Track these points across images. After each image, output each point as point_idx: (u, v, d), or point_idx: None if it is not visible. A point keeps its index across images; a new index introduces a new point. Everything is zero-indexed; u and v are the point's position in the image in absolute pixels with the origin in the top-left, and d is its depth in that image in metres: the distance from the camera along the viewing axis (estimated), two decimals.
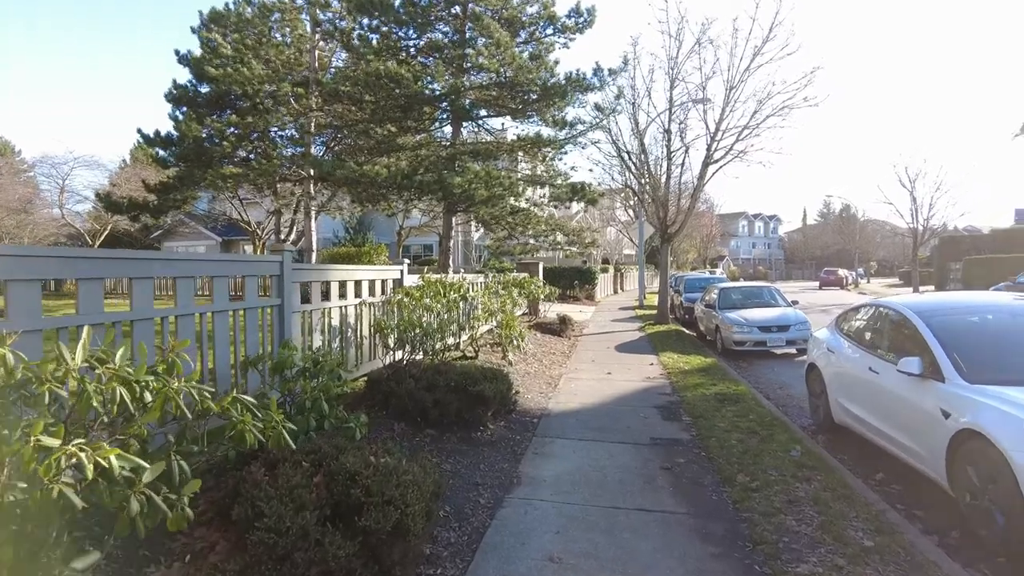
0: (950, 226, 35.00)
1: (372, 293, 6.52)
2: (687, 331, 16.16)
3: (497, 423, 6.11)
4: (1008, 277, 19.02)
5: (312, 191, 19.56)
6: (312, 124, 19.01)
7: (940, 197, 32.10)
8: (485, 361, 9.06)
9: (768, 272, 75.56)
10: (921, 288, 32.33)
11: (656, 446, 5.71)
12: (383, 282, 6.85)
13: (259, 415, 2.67)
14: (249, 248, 30.62)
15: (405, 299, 6.29)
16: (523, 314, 16.02)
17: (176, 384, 2.43)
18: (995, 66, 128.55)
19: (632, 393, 8.24)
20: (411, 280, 7.30)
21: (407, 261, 7.38)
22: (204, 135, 20.83)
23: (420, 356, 6.29)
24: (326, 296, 5.67)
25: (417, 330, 5.63)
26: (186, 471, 2.41)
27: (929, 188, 32.52)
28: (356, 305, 6.05)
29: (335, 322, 5.72)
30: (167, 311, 3.73)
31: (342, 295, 5.89)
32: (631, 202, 32.87)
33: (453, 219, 15.74)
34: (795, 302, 13.86)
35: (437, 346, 7.00)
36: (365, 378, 6.17)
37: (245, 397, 2.67)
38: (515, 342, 8.71)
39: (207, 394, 2.57)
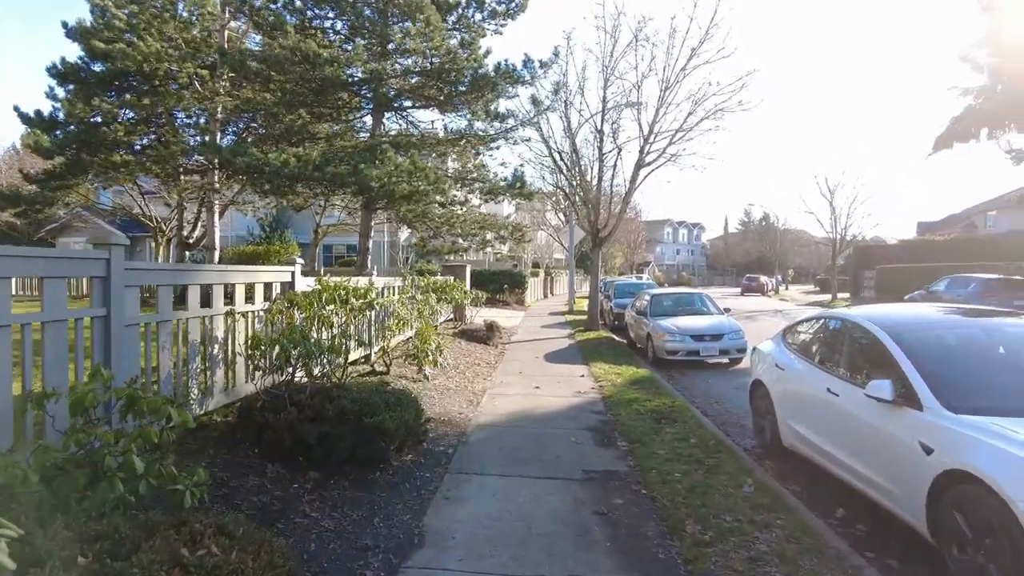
0: (866, 237, 36.53)
1: (251, 299, 5.36)
2: (617, 338, 15.62)
3: (404, 457, 5.10)
4: (922, 285, 19.65)
5: (216, 183, 17.75)
6: (219, 109, 17.23)
7: (857, 208, 33.41)
8: (399, 376, 8.01)
9: (691, 278, 77.61)
10: (839, 295, 33.59)
11: (590, 482, 4.86)
12: (268, 286, 5.69)
13: None
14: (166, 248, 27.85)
15: (293, 308, 5.16)
16: (447, 320, 15.01)
17: None
18: (912, 89, 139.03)
19: (562, 411, 7.42)
20: (306, 283, 6.16)
21: (300, 261, 6.22)
22: (97, 119, 18.60)
23: (313, 376, 5.19)
24: (182, 303, 4.49)
25: (300, 348, 4.54)
26: None
27: (847, 199, 33.74)
28: (226, 315, 4.88)
29: (195, 337, 4.54)
30: None
31: (206, 302, 4.71)
32: (562, 205, 32.51)
33: (372, 217, 14.52)
34: (727, 310, 13.52)
35: (338, 361, 5.91)
36: (238, 405, 5.02)
37: None
38: (431, 356, 7.69)
39: None
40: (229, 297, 5.00)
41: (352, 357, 7.60)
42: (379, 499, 4.29)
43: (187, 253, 22.62)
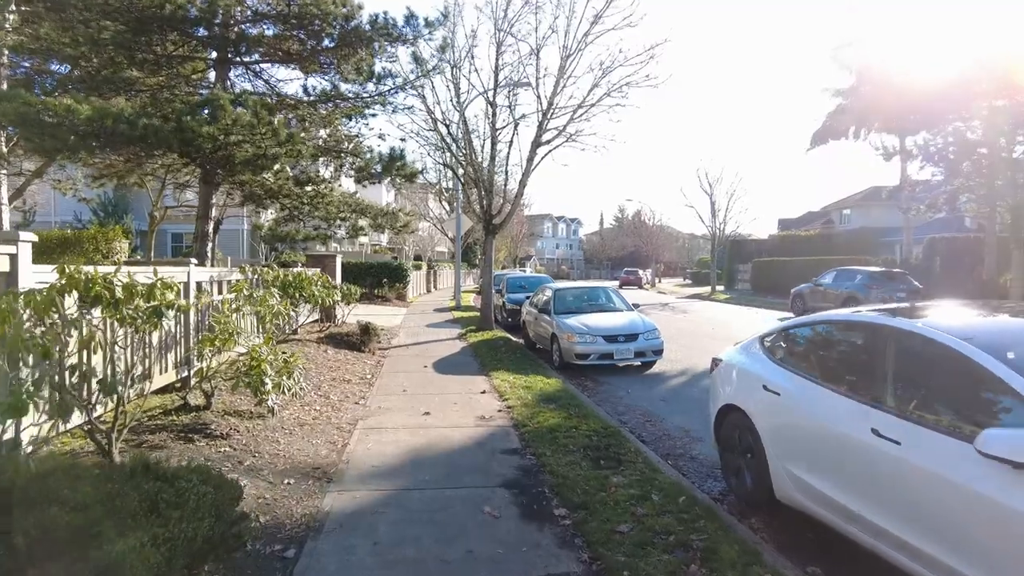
0: (731, 232, 37.64)
1: None
2: (514, 339, 13.82)
3: None
4: (810, 278, 19.84)
5: (3, 148, 13.69)
6: (4, 50, 13.20)
7: (735, 203, 34.18)
8: (226, 411, 5.60)
9: (570, 272, 78.58)
10: (718, 287, 34.36)
11: None
12: None
13: None
14: None
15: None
16: (312, 322, 12.42)
17: None
18: (793, 88, 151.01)
19: (465, 452, 5.39)
20: (40, 277, 3.64)
21: (32, 238, 3.63)
22: None
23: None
24: None
25: None
26: None
27: (726, 194, 34.42)
28: None
29: None
30: None
31: None
32: (447, 194, 30.47)
33: (214, 193, 11.55)
34: (636, 305, 12.19)
35: (96, 413, 3.49)
36: None
37: None
38: (269, 384, 5.34)
39: None
40: None
41: (154, 386, 5.10)
42: None
43: None
